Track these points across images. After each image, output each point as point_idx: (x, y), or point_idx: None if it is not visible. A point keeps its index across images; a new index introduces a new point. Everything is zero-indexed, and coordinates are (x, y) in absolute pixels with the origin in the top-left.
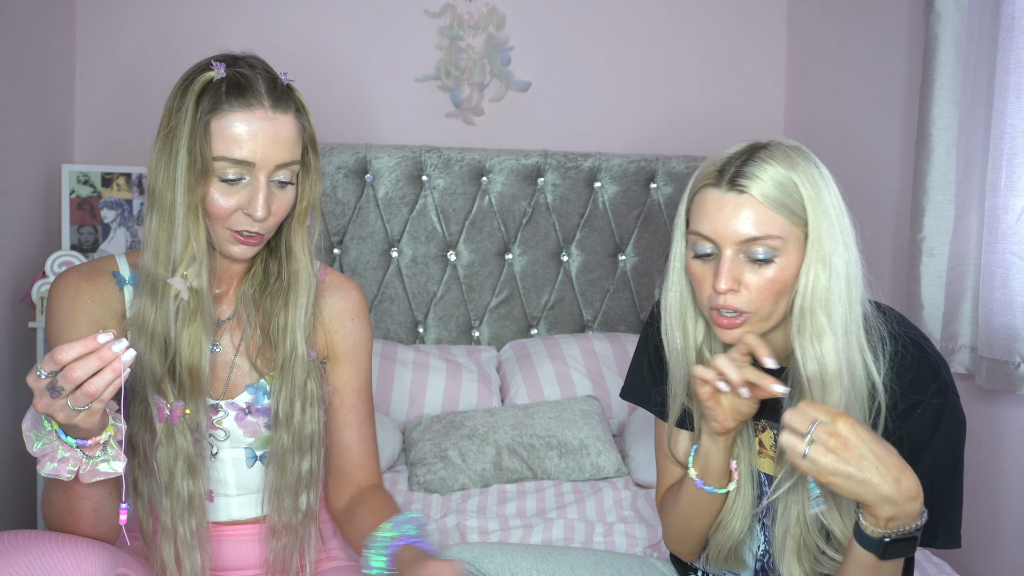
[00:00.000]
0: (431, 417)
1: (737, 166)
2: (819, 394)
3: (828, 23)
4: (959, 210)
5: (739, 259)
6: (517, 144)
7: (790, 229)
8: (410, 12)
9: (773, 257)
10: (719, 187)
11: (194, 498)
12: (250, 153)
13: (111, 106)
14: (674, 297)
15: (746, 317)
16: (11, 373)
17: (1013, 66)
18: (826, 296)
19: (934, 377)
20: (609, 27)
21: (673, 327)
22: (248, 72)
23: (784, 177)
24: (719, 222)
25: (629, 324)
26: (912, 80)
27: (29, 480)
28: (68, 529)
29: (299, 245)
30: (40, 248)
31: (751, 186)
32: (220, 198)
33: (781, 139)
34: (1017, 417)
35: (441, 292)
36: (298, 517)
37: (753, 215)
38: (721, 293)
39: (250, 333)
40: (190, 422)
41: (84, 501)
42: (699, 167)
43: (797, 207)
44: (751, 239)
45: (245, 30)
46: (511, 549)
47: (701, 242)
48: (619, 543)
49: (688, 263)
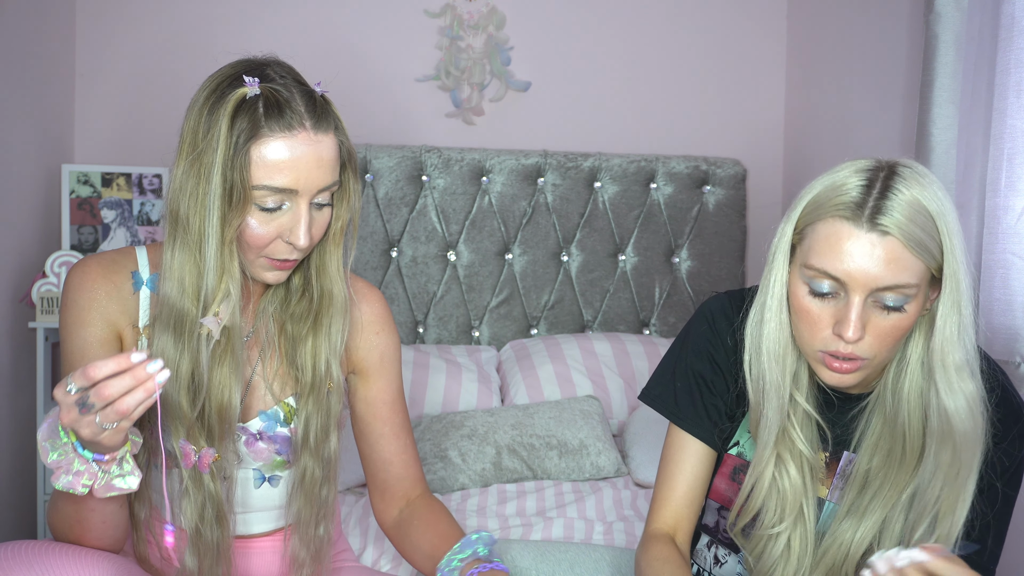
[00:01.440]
0: (431, 417)
1: (876, 199)
2: (970, 451)
3: (828, 23)
4: (959, 210)
5: (867, 304)
6: (517, 144)
7: (924, 273)
8: (410, 12)
9: (903, 304)
10: (857, 223)
11: (221, 547)
12: (293, 180)
13: (111, 106)
14: (774, 329)
15: (862, 364)
16: (11, 373)
17: (1013, 66)
18: (964, 344)
19: (1016, 421)
20: (609, 27)
21: (772, 362)
22: (283, 89)
23: (923, 213)
24: (856, 265)
25: (629, 324)
26: (912, 80)
27: (29, 483)
28: (74, 539)
29: (334, 266)
30: (40, 248)
31: (893, 226)
32: (259, 227)
33: (898, 159)
34: None
35: (441, 292)
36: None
37: (893, 260)
38: (849, 342)
39: (268, 353)
40: (219, 468)
41: (94, 513)
42: (808, 192)
43: (935, 248)
44: (887, 287)
45: (245, 30)
46: (512, 546)
47: (822, 280)
48: (619, 542)
49: (798, 299)
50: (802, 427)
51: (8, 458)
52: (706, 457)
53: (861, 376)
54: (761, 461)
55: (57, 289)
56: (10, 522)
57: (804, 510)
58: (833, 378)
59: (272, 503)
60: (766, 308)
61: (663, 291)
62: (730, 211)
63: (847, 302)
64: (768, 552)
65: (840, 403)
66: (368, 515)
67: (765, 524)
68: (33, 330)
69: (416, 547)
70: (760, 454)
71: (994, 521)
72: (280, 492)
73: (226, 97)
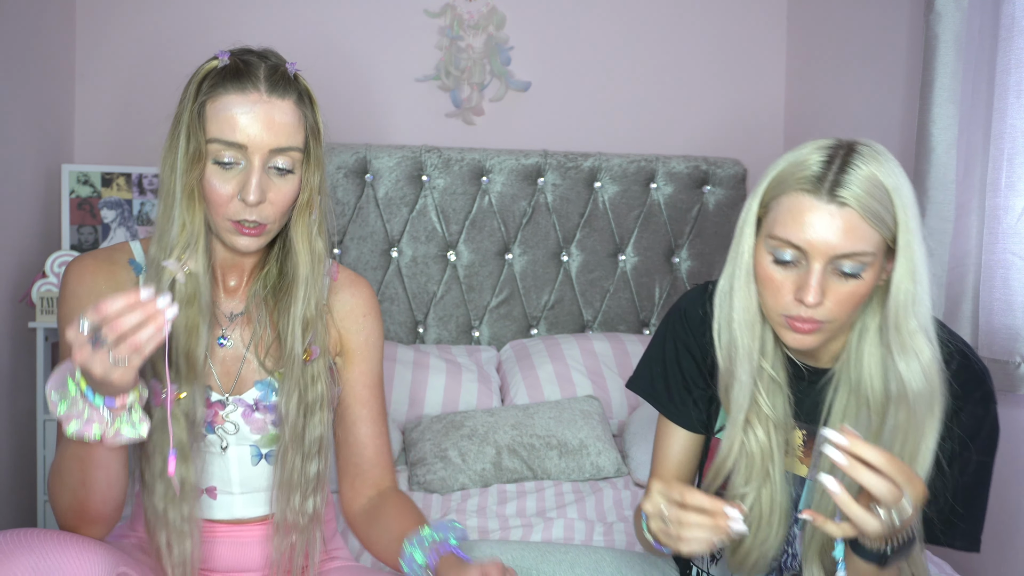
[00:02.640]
0: (431, 417)
1: (836, 172)
2: (924, 410)
3: (828, 23)
4: (959, 210)
5: (826, 271)
6: (517, 144)
7: (880, 242)
8: (410, 12)
9: (860, 272)
10: (817, 195)
11: (185, 485)
12: (243, 135)
13: (111, 106)
14: (743, 298)
15: (821, 326)
16: (11, 373)
17: (1013, 66)
18: (918, 309)
19: (979, 385)
20: (609, 27)
21: (742, 328)
22: (251, 59)
23: (879, 187)
24: (815, 233)
25: (629, 324)
26: (912, 80)
27: (29, 482)
28: (77, 505)
29: (299, 238)
30: (40, 248)
31: (851, 198)
32: (217, 183)
33: (858, 139)
34: (1017, 417)
35: (441, 292)
36: (304, 519)
37: (851, 229)
38: (809, 306)
39: (260, 331)
40: (185, 408)
41: (100, 471)
42: (773, 169)
43: (890, 219)
44: (845, 255)
45: (245, 30)
46: (513, 547)
47: (785, 248)
48: (619, 543)
49: (763, 267)
50: (768, 394)
51: (8, 458)
52: (691, 441)
53: (821, 338)
54: (736, 424)
55: (57, 289)
56: (10, 521)
57: (771, 473)
58: (795, 340)
59: (269, 483)
60: (735, 278)
61: (663, 291)
62: (730, 211)
63: (808, 269)
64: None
65: (809, 375)
66: None
67: (735, 485)
68: (33, 330)
69: (387, 529)
70: (735, 417)
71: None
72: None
73: (200, 69)
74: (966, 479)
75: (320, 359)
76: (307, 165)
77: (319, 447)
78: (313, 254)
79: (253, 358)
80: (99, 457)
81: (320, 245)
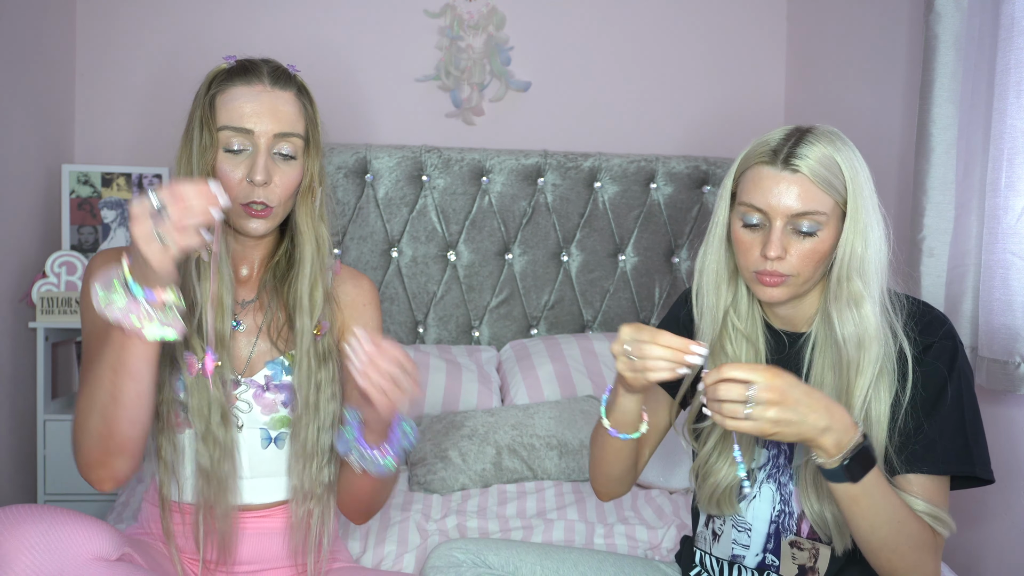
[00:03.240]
0: (431, 417)
1: (790, 147)
2: (855, 352)
3: (828, 23)
4: (959, 210)
5: (786, 230)
6: (517, 144)
7: (832, 205)
8: (410, 12)
9: (816, 230)
10: (774, 165)
11: (227, 444)
12: (250, 121)
13: (111, 106)
14: (712, 261)
15: (787, 279)
16: (11, 373)
17: (1013, 66)
18: (862, 265)
19: (942, 323)
20: (609, 27)
21: (709, 288)
22: (255, 60)
23: (829, 158)
24: (773, 196)
25: None
26: (912, 80)
27: (29, 482)
28: (105, 429)
29: (303, 220)
30: (40, 248)
31: (803, 166)
32: (227, 168)
33: (819, 124)
34: (1017, 417)
35: (441, 292)
36: (321, 488)
37: (804, 192)
38: (771, 260)
39: (271, 315)
40: (222, 374)
41: (132, 382)
42: (746, 149)
43: (840, 186)
44: (800, 214)
45: (245, 30)
46: (515, 545)
47: (751, 213)
48: (620, 544)
49: (735, 231)
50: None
51: (8, 458)
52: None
53: (788, 291)
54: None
55: (57, 289)
56: None
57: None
58: (766, 293)
59: (280, 468)
60: (708, 244)
61: (663, 291)
62: None
63: (771, 228)
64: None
65: (789, 341)
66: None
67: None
68: (33, 330)
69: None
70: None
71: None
72: (286, 455)
73: (210, 72)
74: (963, 410)
75: (330, 335)
76: (308, 153)
77: (332, 420)
78: (318, 236)
79: (265, 341)
80: (132, 363)
81: (323, 229)
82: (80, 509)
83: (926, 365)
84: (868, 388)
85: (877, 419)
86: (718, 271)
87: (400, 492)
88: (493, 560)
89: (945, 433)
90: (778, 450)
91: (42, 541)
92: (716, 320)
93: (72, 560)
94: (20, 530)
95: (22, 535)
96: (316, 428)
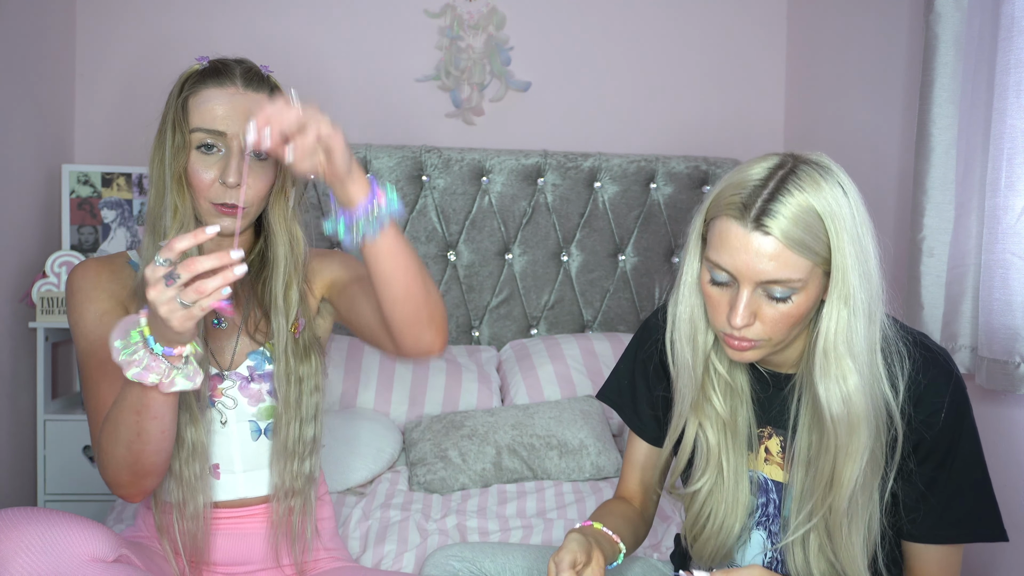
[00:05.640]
0: (431, 417)
1: (763, 201)
2: (845, 438)
3: (828, 23)
4: (959, 210)
5: (756, 293)
6: (517, 144)
7: (811, 269)
8: (410, 12)
9: (790, 295)
10: (743, 223)
11: (197, 445)
12: (222, 123)
13: (111, 106)
14: (684, 310)
15: (756, 344)
16: (11, 373)
17: (1013, 66)
18: (848, 336)
19: (947, 377)
20: (609, 27)
21: (683, 341)
22: (228, 62)
23: (810, 214)
24: (741, 260)
25: (629, 324)
26: (912, 80)
27: (29, 482)
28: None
29: (276, 220)
30: (40, 248)
31: (775, 228)
32: (200, 169)
33: (806, 155)
34: (1017, 417)
35: (441, 292)
36: (302, 481)
37: (776, 259)
38: (736, 328)
39: (248, 309)
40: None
41: (155, 422)
42: (719, 185)
43: (821, 247)
44: (771, 281)
45: (245, 30)
46: (511, 549)
47: (719, 271)
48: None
49: (703, 283)
50: (723, 395)
51: (8, 458)
52: (653, 453)
53: (760, 353)
54: (677, 429)
55: (57, 289)
56: None
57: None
58: (734, 355)
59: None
60: (680, 292)
61: (663, 291)
62: None
63: (738, 291)
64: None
65: (773, 381)
66: (367, 518)
67: (691, 481)
68: (33, 330)
69: None
70: (675, 423)
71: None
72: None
73: (183, 73)
74: (973, 471)
75: (307, 331)
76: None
77: (315, 412)
78: (292, 236)
79: (245, 336)
80: (155, 407)
81: (297, 229)
82: (80, 509)
83: (934, 431)
84: (858, 475)
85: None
86: (692, 319)
87: (400, 492)
88: (489, 567)
89: (955, 499)
90: (767, 499)
91: (39, 543)
92: (695, 378)
93: (69, 562)
94: (17, 532)
95: (19, 537)
96: (298, 424)
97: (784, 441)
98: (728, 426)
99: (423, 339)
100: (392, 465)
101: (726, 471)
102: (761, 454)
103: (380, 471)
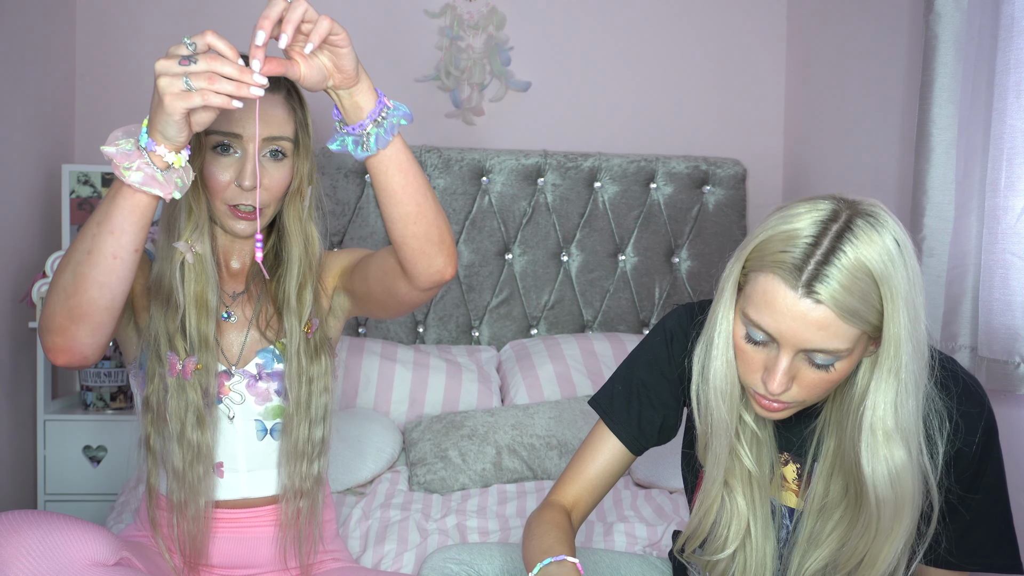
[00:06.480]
0: (431, 417)
1: (816, 264)
2: (889, 521)
3: (828, 23)
4: (959, 210)
5: (797, 358)
6: (517, 144)
7: (859, 337)
8: (410, 12)
9: (832, 363)
10: (792, 287)
11: (202, 447)
12: (239, 125)
13: (111, 106)
14: (720, 367)
15: (789, 405)
16: (11, 373)
17: (1013, 66)
18: (898, 411)
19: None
20: (609, 27)
21: (719, 399)
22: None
23: (865, 280)
24: (786, 326)
25: (629, 324)
26: (912, 80)
27: (29, 482)
28: (72, 288)
29: (291, 220)
30: (40, 248)
31: (827, 295)
32: (215, 170)
33: (859, 203)
34: (1017, 417)
35: (441, 292)
36: (310, 482)
37: (825, 328)
38: (773, 393)
39: (260, 306)
40: (201, 378)
41: (110, 237)
42: (763, 232)
43: (873, 316)
44: (816, 350)
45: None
46: (511, 550)
47: (758, 331)
48: (619, 542)
49: (738, 339)
50: (751, 448)
51: (8, 458)
52: (621, 456)
53: (791, 412)
54: (710, 493)
55: None
56: None
57: (751, 531)
58: (764, 413)
59: (275, 461)
60: (713, 344)
61: (663, 291)
62: (730, 211)
63: (777, 355)
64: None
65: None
66: (367, 518)
67: (712, 550)
68: (33, 330)
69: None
70: (707, 488)
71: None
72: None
73: None
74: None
75: (319, 331)
76: (298, 155)
77: (324, 413)
78: (306, 237)
79: (255, 332)
80: (115, 217)
81: (312, 229)
82: (80, 509)
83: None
84: (893, 558)
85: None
86: (728, 376)
87: (400, 492)
88: (487, 569)
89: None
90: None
91: (39, 547)
92: (730, 438)
93: (69, 565)
94: (18, 536)
95: (19, 541)
96: (307, 425)
97: (801, 468)
98: (755, 479)
99: (435, 262)
100: (392, 465)
101: (755, 533)
102: (777, 480)
103: (380, 471)
